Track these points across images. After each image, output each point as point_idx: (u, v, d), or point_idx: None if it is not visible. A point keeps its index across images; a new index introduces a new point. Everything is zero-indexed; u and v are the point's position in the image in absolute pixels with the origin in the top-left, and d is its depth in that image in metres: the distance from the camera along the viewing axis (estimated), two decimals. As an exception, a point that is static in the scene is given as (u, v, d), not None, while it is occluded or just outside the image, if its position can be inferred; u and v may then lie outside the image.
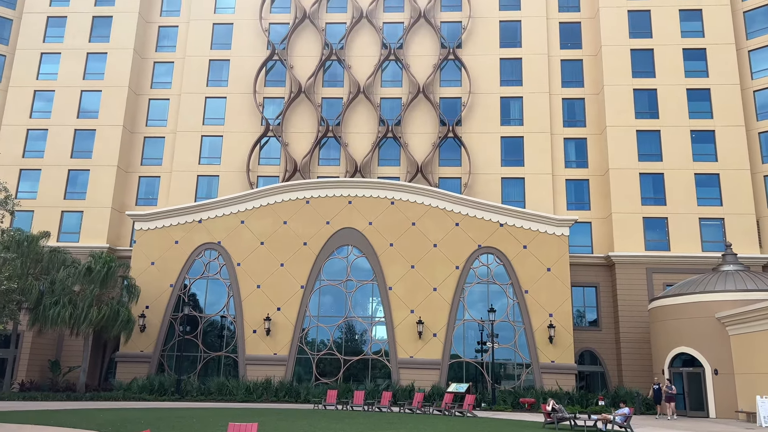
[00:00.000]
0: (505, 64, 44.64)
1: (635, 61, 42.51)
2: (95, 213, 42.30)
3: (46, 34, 46.36)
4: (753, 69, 41.96)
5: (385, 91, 44.97)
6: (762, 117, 41.03)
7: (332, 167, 43.77)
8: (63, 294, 33.07)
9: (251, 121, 44.59)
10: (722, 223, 39.08)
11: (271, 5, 47.29)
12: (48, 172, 43.41)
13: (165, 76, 46.63)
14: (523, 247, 35.78)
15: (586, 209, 41.69)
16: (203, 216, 37.76)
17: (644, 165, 40.58)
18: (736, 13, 43.19)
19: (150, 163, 44.86)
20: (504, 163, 42.75)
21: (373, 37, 45.75)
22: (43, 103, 45.09)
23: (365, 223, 36.89)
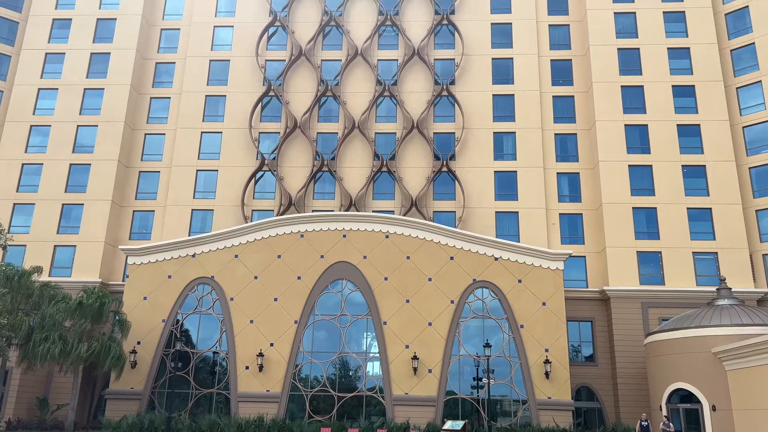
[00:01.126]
0: (497, 100, 45.27)
1: (626, 97, 43.21)
2: (88, 247, 42.08)
3: (44, 70, 46.84)
4: (741, 105, 42.70)
5: (379, 126, 45.43)
6: (752, 152, 41.59)
7: (327, 201, 43.88)
8: (53, 330, 32.59)
9: (246, 155, 44.82)
10: (716, 257, 39.20)
11: (268, 42, 48.05)
12: (42, 207, 43.31)
13: (161, 111, 47.01)
14: (518, 281, 35.69)
15: (580, 243, 41.78)
16: (197, 250, 37.58)
17: (637, 199, 40.87)
18: (723, 52, 44.15)
19: (144, 198, 44.87)
20: (498, 198, 42.98)
21: (368, 73, 46.42)
22: (39, 137, 45.26)
23: (360, 256, 36.80)
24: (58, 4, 48.50)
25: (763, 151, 41.07)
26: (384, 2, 48.08)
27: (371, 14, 47.93)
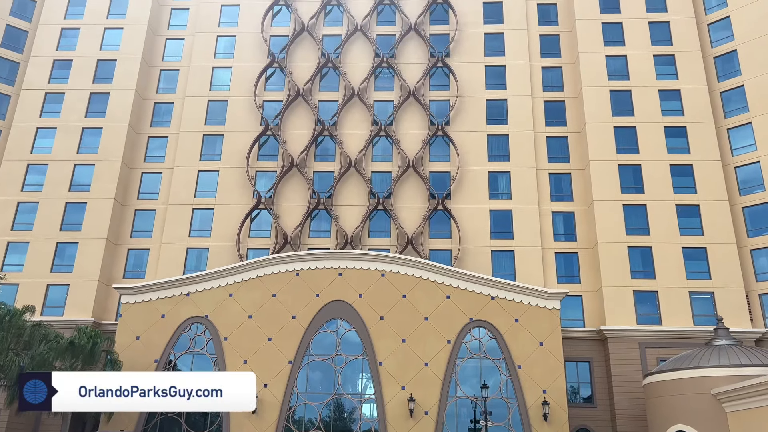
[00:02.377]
0: (492, 140, 45.80)
1: (619, 137, 43.80)
2: (82, 286, 41.74)
3: (43, 110, 47.26)
4: (733, 146, 43.30)
5: (375, 165, 45.79)
6: (744, 192, 41.97)
7: (323, 239, 43.86)
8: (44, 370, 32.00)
9: (243, 194, 44.98)
10: (712, 297, 39.13)
11: (266, 83, 48.77)
12: (36, 245, 43.11)
13: (159, 150, 47.33)
14: (514, 320, 35.46)
15: (576, 282, 41.70)
16: (191, 289, 37.31)
17: (632, 238, 41.00)
18: (713, 94, 45.00)
19: (140, 236, 44.77)
20: (493, 236, 43.05)
21: (364, 113, 47.03)
22: (35, 176, 45.38)
23: (355, 295, 36.57)
24: (59, 45, 49.29)
25: (756, 191, 41.46)
26: (380, 45, 49.07)
27: (367, 56, 48.85)
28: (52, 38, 49.37)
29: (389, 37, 49.60)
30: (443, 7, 50.29)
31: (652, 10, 47.43)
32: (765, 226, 40.47)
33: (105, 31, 49.79)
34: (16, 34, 49.74)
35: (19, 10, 50.50)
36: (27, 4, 50.95)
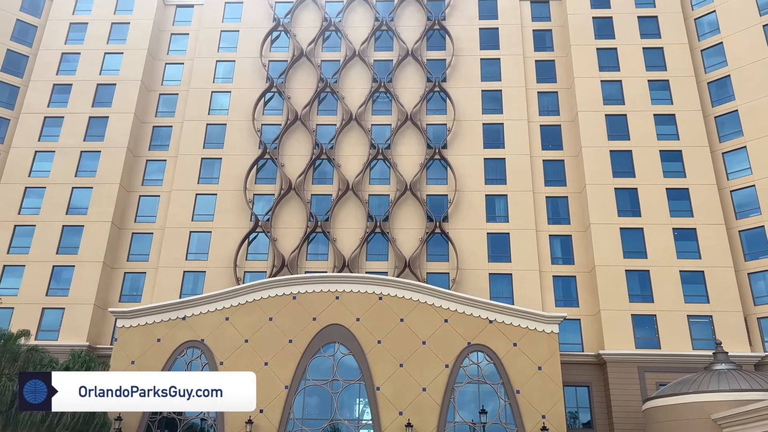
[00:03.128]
0: (489, 163, 46.03)
1: (615, 161, 44.05)
2: (77, 310, 41.45)
3: (42, 133, 47.43)
4: (728, 170, 43.58)
5: (373, 188, 45.91)
6: (741, 216, 42.12)
7: (320, 262, 43.75)
8: (37, 396, 31.58)
9: (240, 217, 44.98)
10: (711, 320, 39.00)
11: (264, 107, 49.12)
12: (32, 269, 42.91)
13: (156, 173, 47.44)
14: (513, 344, 35.24)
15: (574, 306, 41.56)
16: (187, 313, 37.07)
17: (629, 262, 40.99)
18: (708, 118, 45.42)
19: (136, 259, 44.62)
20: (491, 259, 43.00)
21: (362, 137, 47.30)
22: (33, 199, 45.37)
23: (353, 319, 36.37)
24: (59, 70, 49.70)
25: (752, 215, 41.61)
26: (378, 70, 49.57)
27: (365, 81, 49.31)
28: (53, 63, 49.79)
29: (387, 62, 50.16)
30: (440, 33, 50.95)
31: (646, 36, 48.12)
32: (762, 250, 40.54)
33: (105, 56, 50.27)
34: (16, 58, 50.15)
35: (21, 35, 51.00)
36: (28, 29, 51.49)
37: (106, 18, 51.65)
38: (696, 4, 49.21)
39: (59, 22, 51.36)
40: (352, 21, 51.77)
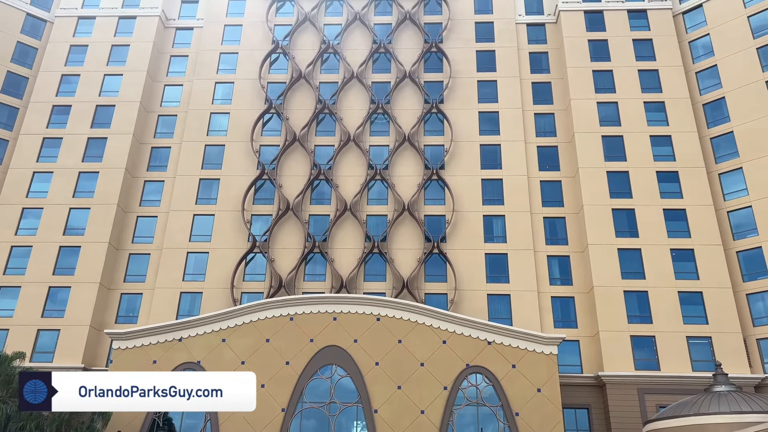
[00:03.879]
0: (486, 184, 46.17)
1: (612, 182, 44.24)
2: (73, 331, 41.14)
3: (41, 154, 47.50)
4: (724, 191, 43.77)
5: (371, 208, 45.95)
6: (738, 236, 42.18)
7: (318, 283, 43.59)
8: (30, 419, 31.25)
9: (238, 237, 44.90)
10: (710, 342, 38.83)
11: (263, 128, 49.36)
12: (28, 289, 42.67)
13: (154, 194, 47.46)
14: (512, 366, 34.99)
15: (573, 327, 41.39)
16: (183, 334, 36.81)
17: (628, 283, 40.92)
18: (704, 140, 45.75)
19: (133, 280, 44.42)
20: (489, 280, 42.91)
21: (360, 158, 47.47)
22: (30, 220, 45.27)
23: (350, 340, 36.12)
24: (59, 91, 49.96)
25: (749, 236, 41.69)
26: (376, 91, 49.95)
27: (363, 103, 49.64)
28: (52, 84, 50.08)
29: (385, 84, 50.56)
30: (437, 55, 51.47)
31: (641, 59, 48.67)
32: (760, 271, 40.53)
33: (105, 77, 50.60)
34: (16, 80, 50.47)
35: (21, 57, 51.38)
36: (29, 51, 51.89)
37: (106, 40, 52.11)
38: (690, 28, 49.89)
39: (60, 45, 51.77)
40: (350, 44, 52.31)
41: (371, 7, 53.93)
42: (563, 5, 51.31)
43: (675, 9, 50.99)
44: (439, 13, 53.49)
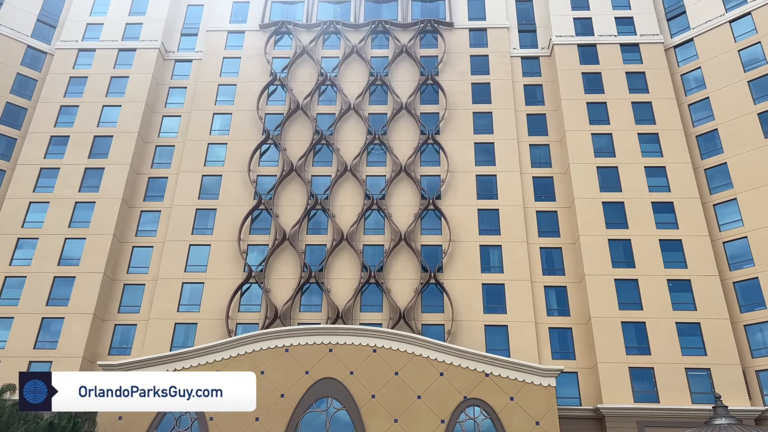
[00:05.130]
0: (482, 214, 46.28)
1: (608, 213, 44.40)
2: (64, 363, 40.53)
3: (37, 184, 47.51)
4: (720, 222, 43.95)
5: (367, 238, 45.91)
6: (734, 267, 42.19)
7: (314, 313, 43.28)
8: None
9: (234, 267, 44.71)
10: (709, 373, 38.51)
11: (260, 159, 49.59)
12: (20, 321, 42.22)
13: (151, 224, 47.38)
14: (510, 398, 34.59)
15: (571, 358, 41.03)
16: (177, 366, 36.35)
17: (625, 313, 40.74)
18: (698, 171, 46.12)
19: (127, 311, 44.03)
20: (486, 311, 42.67)
21: (357, 188, 47.64)
22: (25, 250, 45.04)
23: (346, 372, 35.72)
24: (57, 122, 50.23)
25: (745, 266, 41.70)
26: (372, 123, 50.41)
27: (360, 133, 50.05)
28: (51, 115, 50.38)
29: (381, 115, 51.04)
30: (433, 87, 52.12)
31: (634, 91, 49.37)
32: (757, 301, 40.45)
33: (103, 108, 50.96)
34: (15, 111, 50.79)
35: (20, 89, 51.80)
36: (28, 82, 52.36)
37: (105, 72, 52.65)
38: (681, 61, 50.75)
39: (59, 76, 52.28)
40: (347, 76, 52.99)
41: (368, 40, 54.81)
42: (557, 39, 52.23)
43: (666, 43, 51.96)
44: (434, 47, 54.37)
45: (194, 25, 56.92)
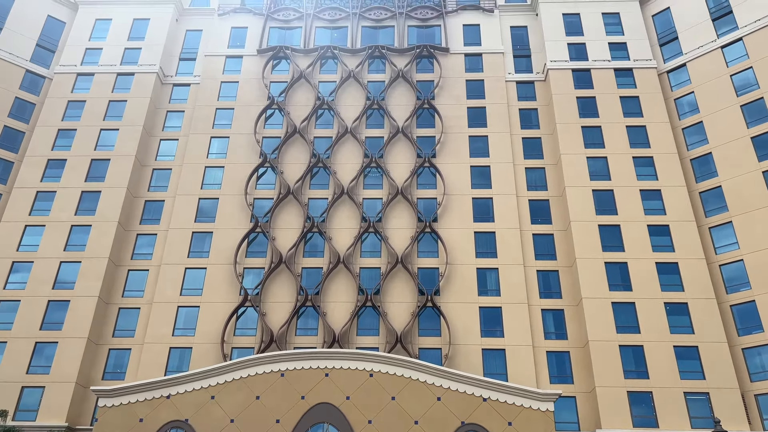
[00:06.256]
0: (479, 236, 46.29)
1: (604, 235, 44.48)
2: (58, 389, 40.07)
3: (33, 207, 47.41)
4: (716, 244, 44.05)
5: (364, 261, 45.83)
6: (731, 290, 42.16)
7: (310, 337, 42.97)
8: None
9: (230, 291, 44.48)
10: (707, 397, 38.21)
11: (257, 181, 49.68)
12: (14, 345, 41.78)
13: (146, 247, 47.22)
14: (508, 423, 34.21)
15: (569, 383, 40.73)
16: (172, 391, 35.94)
17: (623, 337, 40.58)
18: (693, 194, 46.36)
19: (122, 335, 43.66)
20: (484, 334, 42.43)
21: (353, 211, 47.68)
22: (20, 274, 44.75)
23: (342, 397, 35.35)
24: (54, 145, 50.36)
25: (742, 289, 41.68)
26: (369, 146, 50.67)
27: (357, 156, 50.27)
28: (49, 139, 50.50)
29: (378, 139, 51.36)
30: (429, 111, 52.54)
31: (629, 115, 49.85)
32: (755, 325, 40.35)
33: (101, 132, 51.16)
34: (12, 134, 50.94)
35: (18, 112, 52.02)
36: (26, 106, 52.60)
37: (104, 96, 52.97)
38: (675, 86, 51.36)
39: (58, 100, 52.56)
40: (344, 100, 53.41)
41: (365, 65, 55.38)
42: (551, 64, 52.86)
43: (660, 68, 52.63)
44: (430, 72, 54.95)
45: (192, 49, 57.48)
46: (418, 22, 57.90)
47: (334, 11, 58.73)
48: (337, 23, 58.29)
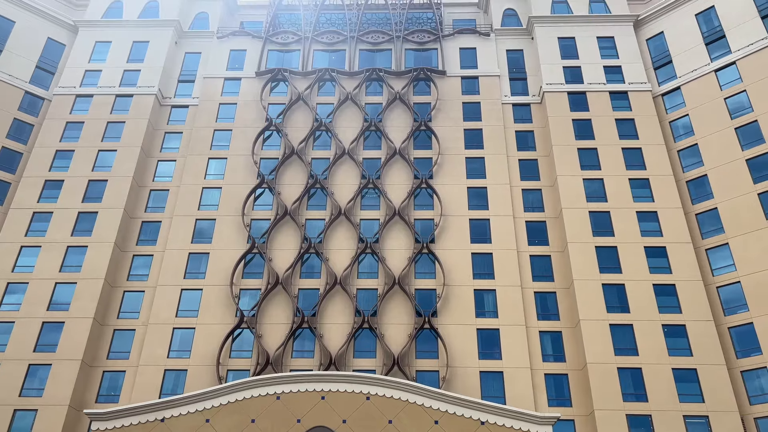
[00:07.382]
0: (476, 258, 46.26)
1: (600, 257, 44.50)
2: (51, 412, 39.55)
3: (30, 228, 47.25)
4: (713, 266, 44.08)
5: (361, 282, 45.67)
6: (729, 312, 42.09)
7: (306, 360, 42.62)
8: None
9: (225, 312, 44.22)
10: (707, 421, 37.91)
11: (254, 203, 49.72)
12: (7, 367, 41.32)
13: (143, 268, 47.02)
14: (505, 448, 33.81)
15: (567, 405, 40.38)
16: (166, 414, 35.46)
17: (621, 359, 40.35)
18: (689, 215, 46.51)
19: (116, 357, 43.24)
20: (481, 356, 42.15)
21: (351, 232, 47.66)
22: (14, 295, 44.44)
23: (339, 421, 34.93)
24: (52, 166, 50.35)
25: (740, 311, 41.62)
26: (367, 167, 50.87)
27: (354, 178, 50.41)
28: (46, 160, 50.52)
29: (375, 160, 51.59)
30: (426, 133, 52.88)
31: (624, 138, 50.23)
32: (753, 347, 40.20)
33: (99, 153, 51.23)
34: (11, 156, 50.96)
35: (16, 133, 52.13)
36: (24, 127, 52.73)
37: (102, 117, 53.16)
38: (669, 108, 51.87)
39: (56, 121, 52.72)
40: (342, 122, 53.75)
41: (362, 87, 55.85)
42: (547, 87, 53.37)
43: (654, 91, 53.19)
44: (427, 94, 55.41)
45: (191, 71, 57.91)
46: (416, 45, 58.57)
47: (333, 35, 59.37)
48: (335, 46, 58.92)
